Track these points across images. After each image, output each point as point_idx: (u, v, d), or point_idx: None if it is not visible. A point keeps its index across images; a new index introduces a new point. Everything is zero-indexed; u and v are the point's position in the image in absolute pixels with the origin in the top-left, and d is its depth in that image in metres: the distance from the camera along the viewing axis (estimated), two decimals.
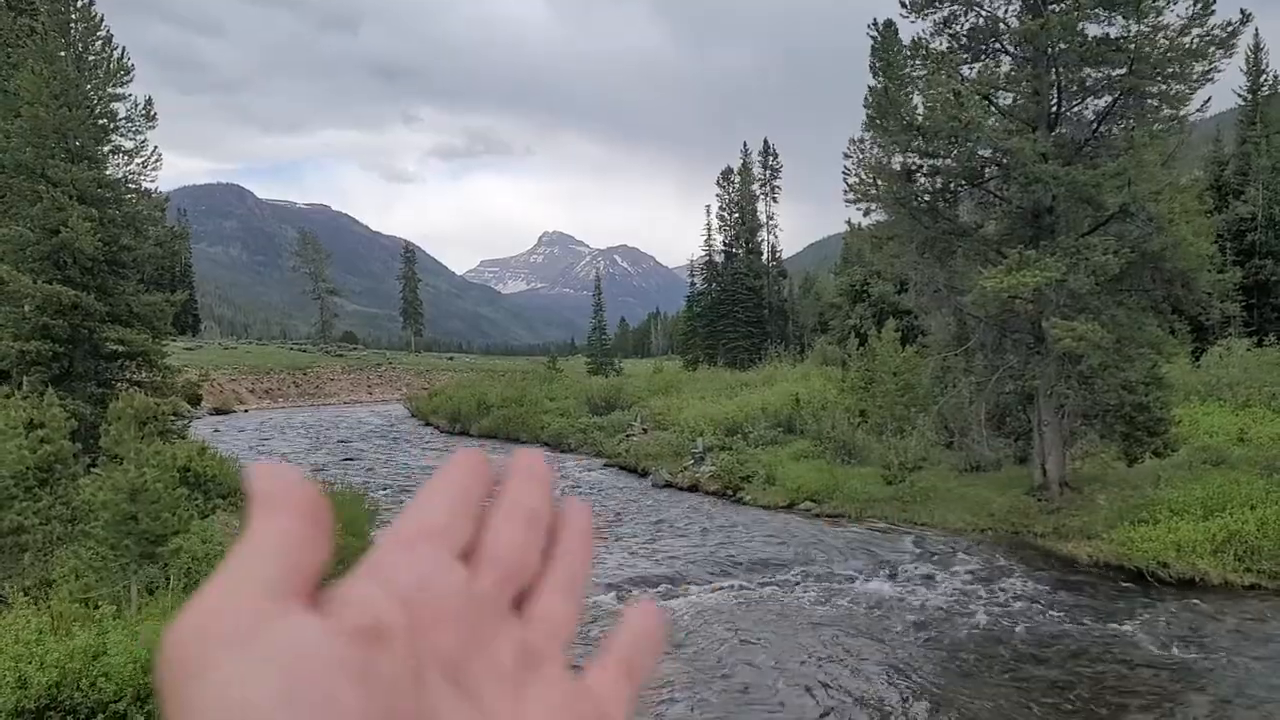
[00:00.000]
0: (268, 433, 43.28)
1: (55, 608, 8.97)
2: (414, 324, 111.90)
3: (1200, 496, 15.22)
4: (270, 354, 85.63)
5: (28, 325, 18.93)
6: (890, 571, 14.98)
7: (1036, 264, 15.94)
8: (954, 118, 16.76)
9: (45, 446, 12.00)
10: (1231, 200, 39.29)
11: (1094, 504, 16.70)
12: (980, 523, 17.57)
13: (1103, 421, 17.88)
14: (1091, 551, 15.21)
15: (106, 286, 20.46)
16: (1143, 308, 17.42)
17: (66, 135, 20.26)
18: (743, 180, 69.00)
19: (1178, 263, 16.64)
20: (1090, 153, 17.48)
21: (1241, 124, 43.13)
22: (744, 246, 68.25)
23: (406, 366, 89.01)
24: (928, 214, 18.83)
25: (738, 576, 14.79)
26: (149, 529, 10.08)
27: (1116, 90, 17.16)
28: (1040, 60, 17.47)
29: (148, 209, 22.45)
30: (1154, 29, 16.58)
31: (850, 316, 46.62)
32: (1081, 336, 15.47)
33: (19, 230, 19.14)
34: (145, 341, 20.68)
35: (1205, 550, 13.78)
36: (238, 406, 62.38)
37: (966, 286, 17.72)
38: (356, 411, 59.07)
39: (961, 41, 18.58)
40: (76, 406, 16.63)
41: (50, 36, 20.25)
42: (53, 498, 11.69)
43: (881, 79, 25.02)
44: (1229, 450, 18.54)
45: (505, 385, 46.95)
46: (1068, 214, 17.68)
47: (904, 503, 19.09)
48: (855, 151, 23.27)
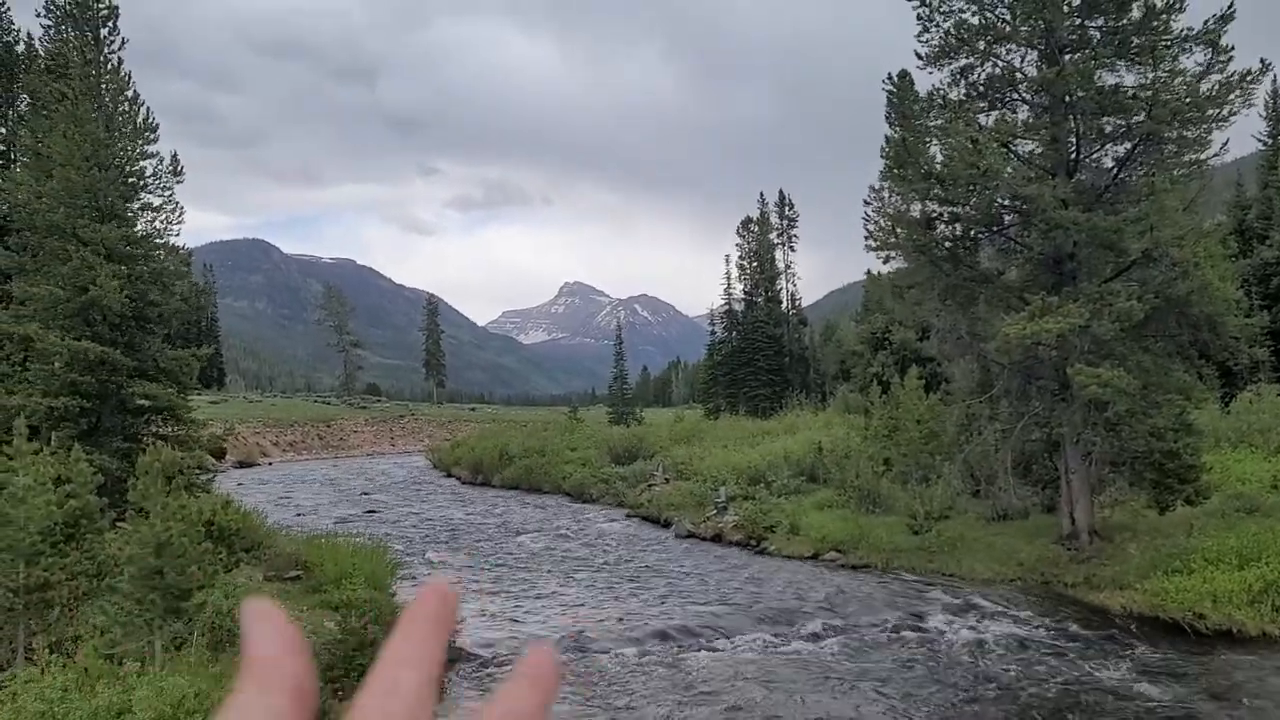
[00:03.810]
0: (291, 485, 43.38)
1: (81, 663, 8.96)
2: (436, 375, 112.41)
3: (1235, 545, 14.92)
4: (294, 407, 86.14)
5: (57, 382, 19.15)
6: (918, 624, 14.74)
7: (1059, 310, 15.86)
8: (972, 165, 16.83)
9: (71, 502, 12.07)
10: (1256, 245, 39.05)
11: (1125, 553, 16.41)
12: (1009, 573, 17.29)
13: (1131, 469, 17.64)
14: (1124, 602, 14.92)
15: (134, 342, 20.70)
16: (1169, 353, 17.27)
17: (97, 195, 20.65)
18: (761, 230, 69.35)
19: (1204, 307, 16.52)
20: (1111, 199, 17.47)
21: (1263, 169, 43.01)
22: (764, 295, 68.38)
23: (429, 418, 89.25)
24: (948, 261, 18.83)
25: (763, 629, 14.58)
26: (174, 583, 10.08)
27: (1135, 137, 17.20)
28: (1058, 108, 17.55)
29: (174, 264, 22.76)
30: (1171, 74, 16.65)
31: (872, 364, 46.40)
32: (1107, 383, 15.33)
33: (50, 289, 19.45)
34: (171, 396, 20.85)
35: (1242, 601, 13.49)
36: (262, 459, 62.63)
37: (989, 333, 17.64)
38: (379, 463, 59.17)
39: (979, 90, 18.70)
40: (103, 461, 16.75)
41: (81, 100, 20.72)
42: (79, 553, 11.73)
43: (898, 129, 25.21)
44: (1263, 498, 18.21)
45: (527, 435, 46.94)
46: (1089, 260, 17.62)
47: (930, 553, 18.84)
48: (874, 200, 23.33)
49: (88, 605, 10.88)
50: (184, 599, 10.27)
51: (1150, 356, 16.76)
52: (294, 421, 75.42)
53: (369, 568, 15.96)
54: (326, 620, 12.45)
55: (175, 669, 9.07)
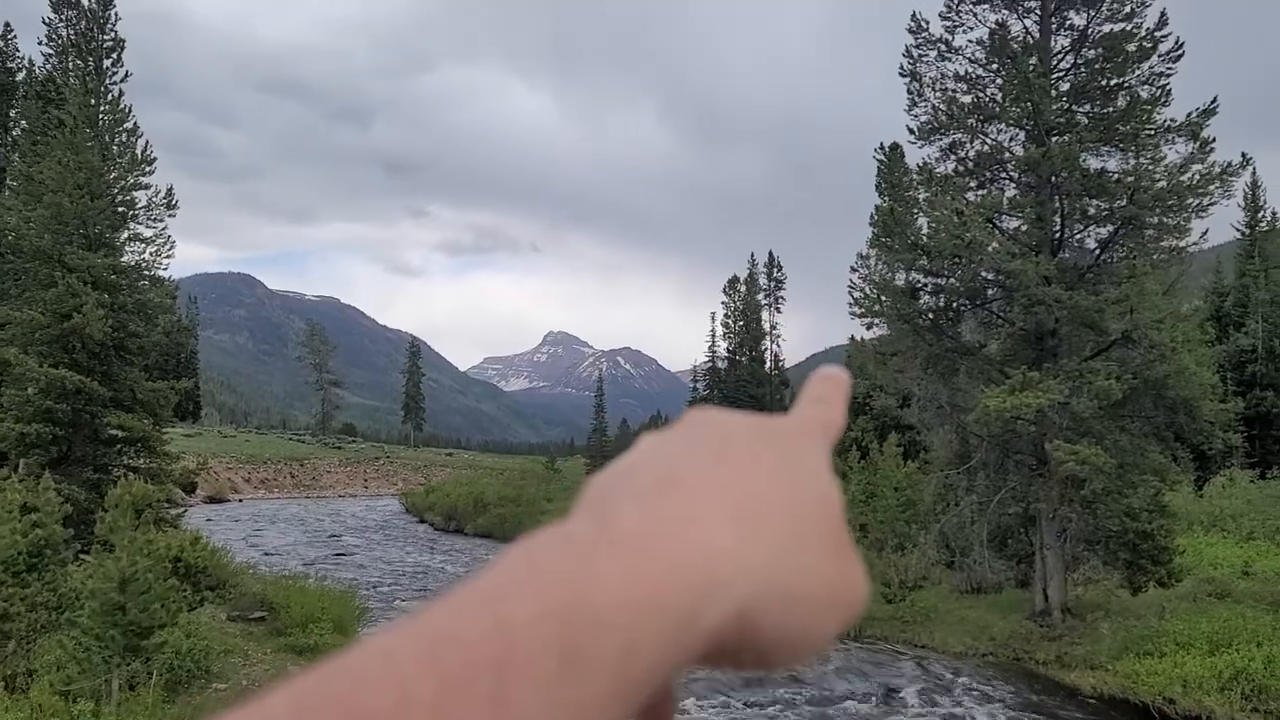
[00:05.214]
0: (260, 524, 42.81)
1: (34, 699, 8.75)
2: (415, 418, 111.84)
3: (1206, 631, 14.90)
4: (268, 443, 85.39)
5: (30, 408, 18.94)
6: (889, 696, 14.61)
7: (1040, 385, 16.00)
8: (957, 237, 17.08)
9: (37, 531, 11.86)
10: (1232, 331, 39.63)
11: (1097, 632, 16.37)
12: (981, 647, 17.21)
13: (1106, 548, 17.67)
14: (1095, 683, 14.85)
15: (112, 372, 20.53)
16: (1145, 434, 17.41)
17: (86, 222, 20.63)
18: (748, 289, 69.87)
19: (1181, 390, 16.70)
20: (1093, 279, 17.74)
21: (1240, 257, 43.81)
22: (748, 354, 68.67)
23: (404, 461, 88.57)
24: (931, 331, 19.01)
25: (730, 693, 14.41)
26: (136, 620, 9.90)
27: (1118, 220, 17.52)
28: (1044, 188, 17.88)
29: (159, 296, 22.71)
30: (1154, 162, 17.02)
31: (852, 429, 46.46)
32: (1085, 460, 15.42)
33: (31, 315, 19.32)
34: (146, 428, 20.65)
35: (1212, 687, 13.44)
36: (232, 496, 61.87)
37: (969, 404, 17.75)
38: (351, 505, 58.54)
39: (968, 166, 19.06)
40: (71, 491, 16.51)
41: (77, 128, 20.80)
42: (40, 584, 11.51)
43: (887, 199, 25.60)
44: (1234, 584, 18.25)
45: (503, 484, 46.65)
46: (1070, 338, 17.83)
47: (904, 622, 18.73)
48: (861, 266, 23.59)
49: (46, 639, 10.65)
50: (144, 637, 10.08)
51: (1127, 436, 16.89)
52: (267, 459, 74.71)
53: (336, 611, 15.73)
54: (290, 666, 12.22)
55: (131, 710, 8.87)
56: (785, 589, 0.35)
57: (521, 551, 0.33)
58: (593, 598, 0.30)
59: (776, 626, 0.35)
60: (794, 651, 0.36)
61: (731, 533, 0.34)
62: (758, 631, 0.34)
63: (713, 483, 0.36)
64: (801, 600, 0.35)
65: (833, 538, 0.38)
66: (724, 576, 0.33)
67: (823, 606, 0.36)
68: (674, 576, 0.32)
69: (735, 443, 0.39)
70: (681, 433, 0.40)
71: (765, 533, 0.35)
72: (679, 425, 0.41)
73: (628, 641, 0.30)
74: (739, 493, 0.36)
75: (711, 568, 0.33)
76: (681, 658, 0.32)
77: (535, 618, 0.30)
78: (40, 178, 20.54)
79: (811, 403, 0.45)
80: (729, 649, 0.34)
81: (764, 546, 0.35)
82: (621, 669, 0.30)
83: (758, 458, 0.38)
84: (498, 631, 0.29)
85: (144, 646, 10.06)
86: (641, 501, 0.35)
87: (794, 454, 0.40)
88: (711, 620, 0.33)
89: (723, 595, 0.33)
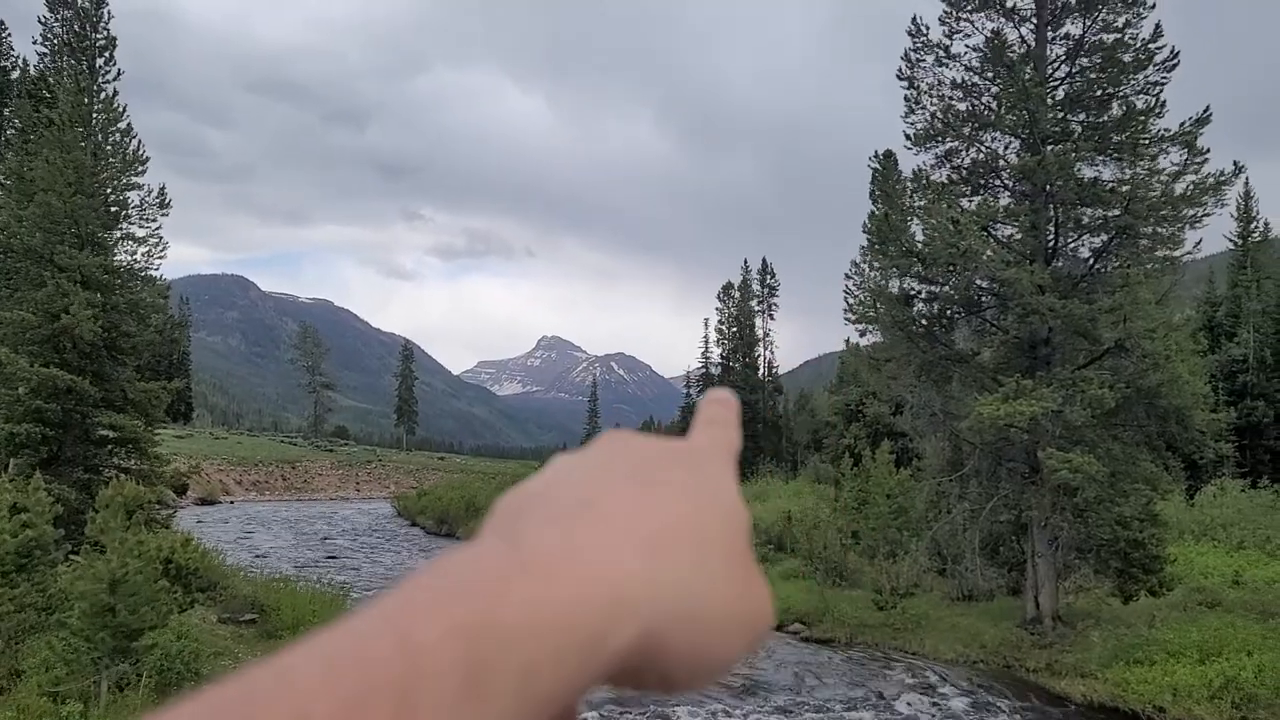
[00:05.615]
0: (251, 526, 42.67)
1: (21, 701, 8.69)
2: (407, 422, 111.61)
3: (1197, 639, 14.93)
4: (260, 445, 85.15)
5: (21, 408, 18.85)
6: (881, 703, 14.60)
7: (1033, 394, 16.02)
8: (952, 245, 17.10)
9: (27, 531, 11.80)
10: (1224, 341, 39.77)
11: (1088, 640, 16.38)
12: (972, 654, 17.21)
13: (1097, 556, 17.69)
14: (1085, 691, 14.86)
15: (103, 372, 20.45)
16: (1137, 443, 17.44)
17: (78, 221, 20.55)
18: (742, 296, 69.92)
19: (1173, 400, 16.74)
20: (1087, 288, 17.77)
21: (1233, 267, 43.99)
22: (741, 360, 68.68)
23: (396, 464, 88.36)
24: (925, 338, 19.03)
25: (723, 701, 14.39)
26: (126, 622, 9.84)
27: (1112, 230, 17.57)
28: (1038, 196, 17.93)
29: (151, 296, 22.63)
30: (1150, 173, 17.07)
31: (845, 435, 46.51)
32: (1077, 468, 15.44)
33: (21, 315, 19.23)
34: (137, 428, 20.57)
35: (1202, 696, 13.47)
36: (223, 497, 61.67)
37: (963, 412, 17.77)
38: (343, 509, 58.37)
39: (962, 174, 19.10)
40: (62, 491, 16.43)
41: (68, 127, 20.72)
42: (29, 584, 11.44)
43: (882, 206, 25.64)
44: (1224, 593, 18.31)
45: (495, 488, 46.50)
46: (1064, 346, 17.87)
47: (895, 629, 18.73)
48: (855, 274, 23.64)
49: (34, 639, 10.59)
50: (134, 638, 10.03)
51: (1119, 445, 16.92)
52: (259, 461, 74.49)
53: (327, 614, 15.66)
54: None
55: (119, 712, 8.82)
56: (692, 612, 0.35)
57: (430, 571, 0.33)
58: (501, 618, 0.30)
59: (682, 649, 0.35)
60: (698, 674, 0.36)
61: (641, 556, 0.34)
62: (664, 654, 0.34)
63: (625, 506, 0.36)
64: (707, 623, 0.35)
65: (739, 560, 0.38)
66: (632, 599, 0.33)
67: (728, 629, 0.36)
68: (582, 598, 0.32)
69: (648, 466, 0.39)
70: (595, 455, 0.40)
71: (674, 556, 0.35)
72: (592, 447, 0.42)
73: (534, 661, 0.30)
74: (650, 516, 0.36)
75: (619, 590, 0.33)
76: (587, 678, 0.32)
77: (442, 636, 0.29)
78: (30, 176, 20.46)
79: (709, 425, 0.46)
80: (634, 670, 0.34)
81: (672, 570, 0.35)
82: (526, 688, 0.30)
83: (670, 481, 0.39)
84: (401, 651, 0.29)
85: (134, 648, 10.00)
86: (554, 523, 0.35)
87: (704, 476, 0.40)
88: (618, 642, 0.32)
89: (630, 617, 0.33)
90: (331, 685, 0.28)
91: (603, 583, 0.33)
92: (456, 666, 0.29)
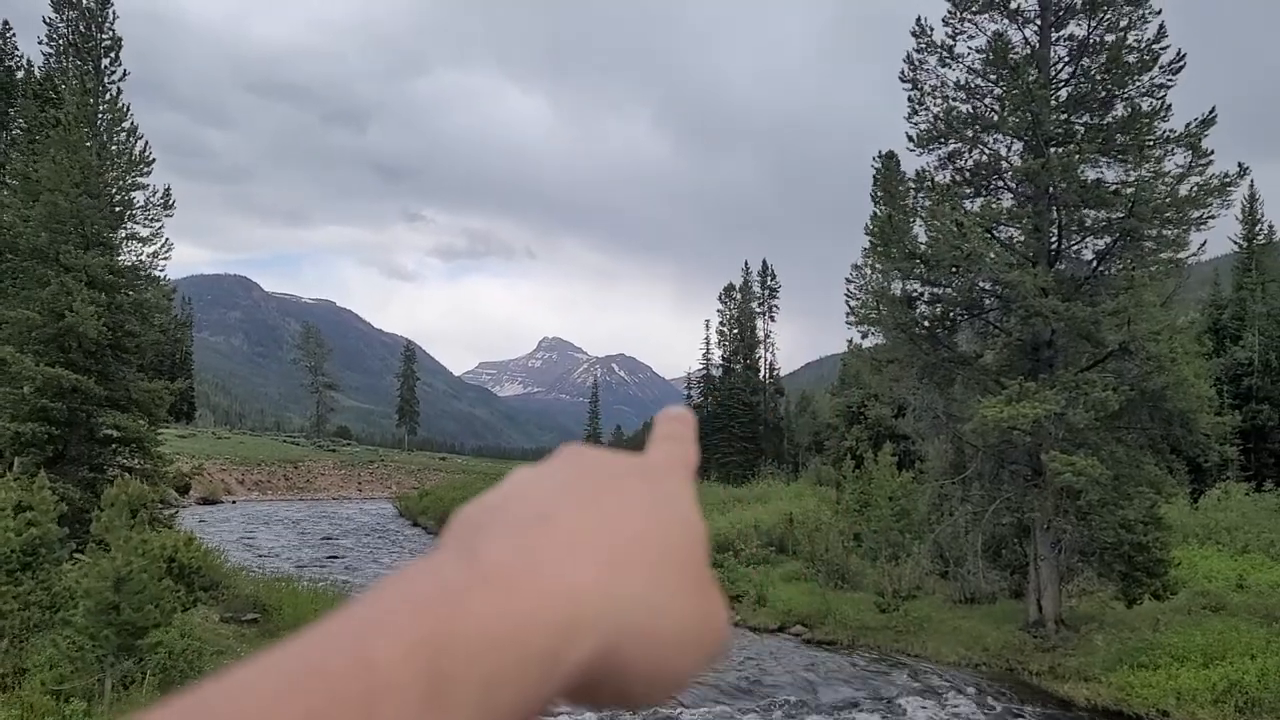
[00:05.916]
0: (254, 525, 42.70)
1: (25, 698, 8.70)
2: (409, 422, 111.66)
3: (1200, 643, 14.92)
4: (262, 445, 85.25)
5: (26, 407, 18.87)
6: (883, 706, 14.59)
7: (1036, 396, 16.01)
8: (956, 248, 17.09)
9: (32, 529, 11.82)
10: (1229, 344, 39.72)
11: (1091, 644, 16.37)
12: (974, 657, 17.19)
13: (1100, 559, 17.66)
14: (1089, 694, 14.84)
15: (108, 371, 20.47)
16: (1141, 446, 17.42)
17: (83, 221, 20.58)
18: (743, 298, 69.93)
19: (1177, 403, 16.71)
20: (1090, 290, 17.75)
21: (1238, 270, 43.93)
22: (742, 362, 68.67)
23: (398, 465, 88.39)
24: (927, 340, 19.01)
25: (724, 703, 14.39)
26: (130, 620, 9.86)
27: (1116, 232, 17.54)
28: (1041, 198, 17.91)
29: (156, 296, 22.66)
30: (1156, 176, 17.04)
31: (846, 438, 46.46)
32: (1080, 471, 15.42)
33: (26, 314, 19.26)
34: (141, 428, 20.59)
35: (1206, 700, 13.45)
36: (226, 497, 61.71)
37: (965, 414, 17.75)
38: (344, 508, 58.40)
39: (965, 175, 19.08)
40: (66, 490, 16.46)
41: (74, 128, 20.75)
42: (34, 582, 11.46)
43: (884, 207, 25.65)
44: (1228, 596, 18.28)
45: None
46: (1067, 349, 17.85)
47: (897, 632, 18.71)
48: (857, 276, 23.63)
49: (39, 637, 10.60)
50: (139, 637, 10.04)
51: (1123, 448, 16.90)
52: (261, 460, 74.55)
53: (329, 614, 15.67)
54: None
55: (123, 710, 8.83)
56: (649, 627, 0.35)
57: (391, 584, 0.33)
58: (461, 630, 0.30)
59: (639, 663, 0.35)
60: (654, 689, 0.36)
61: (600, 570, 0.35)
62: (621, 669, 0.34)
63: (585, 521, 0.36)
64: (664, 638, 0.36)
65: (697, 576, 0.38)
66: (590, 614, 0.33)
67: (685, 644, 0.36)
68: (541, 612, 0.32)
69: (607, 481, 0.39)
70: (555, 469, 0.41)
71: (632, 571, 0.36)
72: (552, 461, 0.42)
73: (493, 674, 0.30)
74: (609, 531, 0.36)
75: (577, 605, 0.33)
76: (545, 692, 0.32)
77: (405, 649, 0.29)
78: (36, 176, 20.50)
79: (666, 441, 0.48)
80: (592, 684, 0.34)
81: (630, 585, 0.35)
82: (487, 701, 0.30)
83: (629, 496, 0.39)
84: (363, 665, 0.29)
85: (138, 646, 10.02)
86: (514, 537, 0.35)
87: (662, 491, 0.41)
88: (576, 656, 0.33)
89: (589, 630, 0.33)
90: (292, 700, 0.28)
91: (561, 596, 0.33)
92: (418, 679, 0.29)
